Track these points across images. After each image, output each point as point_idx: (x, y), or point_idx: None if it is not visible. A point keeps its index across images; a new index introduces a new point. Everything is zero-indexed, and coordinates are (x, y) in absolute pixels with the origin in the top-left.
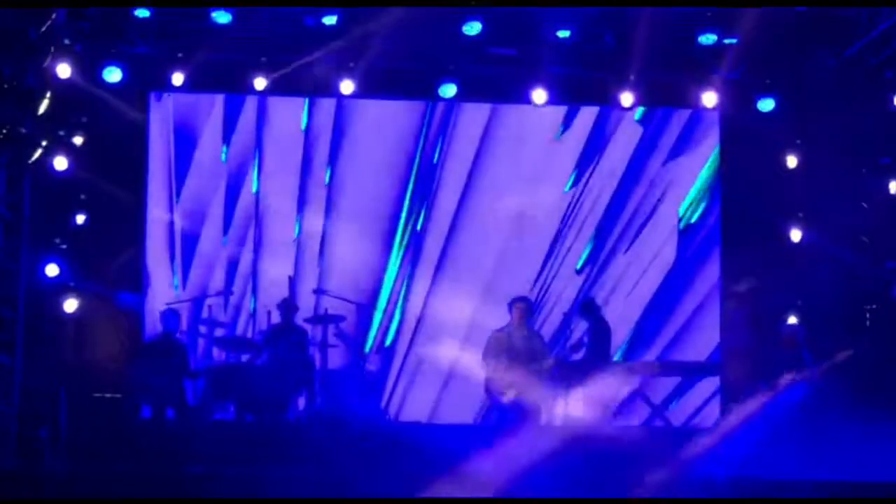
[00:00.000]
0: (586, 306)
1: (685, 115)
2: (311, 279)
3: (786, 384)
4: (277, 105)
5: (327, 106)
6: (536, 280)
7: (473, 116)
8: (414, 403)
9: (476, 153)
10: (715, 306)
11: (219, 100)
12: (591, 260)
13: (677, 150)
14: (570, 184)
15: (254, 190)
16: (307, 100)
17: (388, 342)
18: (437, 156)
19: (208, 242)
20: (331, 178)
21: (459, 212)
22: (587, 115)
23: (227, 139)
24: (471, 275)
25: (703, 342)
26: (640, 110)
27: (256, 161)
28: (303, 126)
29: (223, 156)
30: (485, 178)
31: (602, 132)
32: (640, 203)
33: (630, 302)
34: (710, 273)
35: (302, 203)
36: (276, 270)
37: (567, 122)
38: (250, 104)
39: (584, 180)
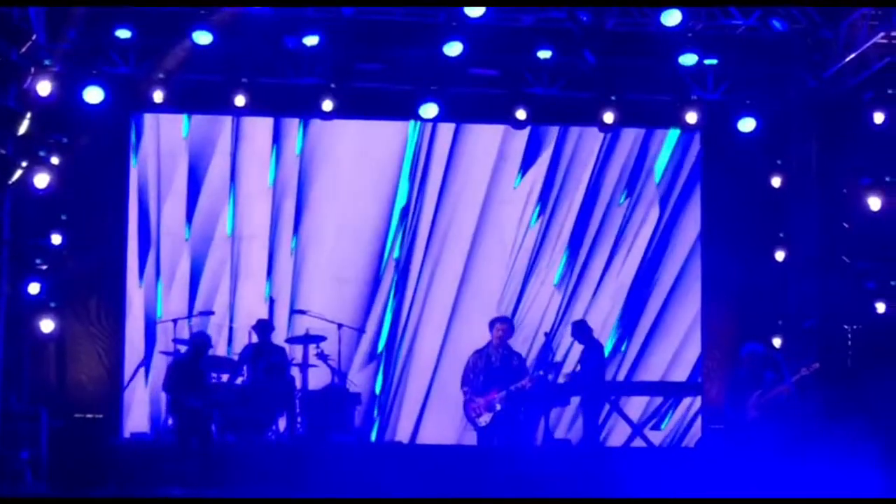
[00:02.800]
0: (578, 329)
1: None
2: (291, 300)
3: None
4: (253, 127)
5: (307, 129)
6: (519, 300)
7: (441, 142)
8: (395, 424)
9: (443, 177)
10: (696, 323)
11: (199, 121)
12: (567, 275)
13: (641, 160)
14: (536, 213)
15: (229, 219)
16: (273, 120)
17: (371, 361)
18: (412, 178)
19: (189, 262)
20: (308, 202)
21: (434, 234)
22: (548, 139)
23: (205, 162)
24: (450, 295)
25: (684, 361)
26: None
27: (232, 190)
28: (272, 152)
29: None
30: (459, 198)
31: (562, 151)
32: (609, 215)
33: (609, 320)
34: (692, 289)
35: (275, 226)
36: (255, 291)
37: (525, 164)
38: (227, 127)
39: (551, 200)
